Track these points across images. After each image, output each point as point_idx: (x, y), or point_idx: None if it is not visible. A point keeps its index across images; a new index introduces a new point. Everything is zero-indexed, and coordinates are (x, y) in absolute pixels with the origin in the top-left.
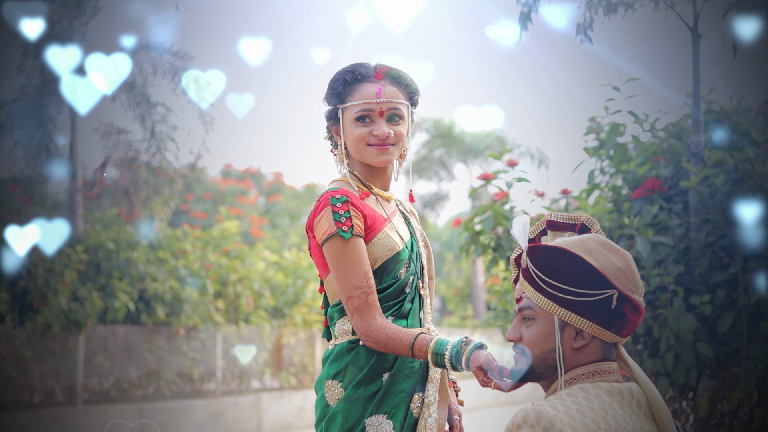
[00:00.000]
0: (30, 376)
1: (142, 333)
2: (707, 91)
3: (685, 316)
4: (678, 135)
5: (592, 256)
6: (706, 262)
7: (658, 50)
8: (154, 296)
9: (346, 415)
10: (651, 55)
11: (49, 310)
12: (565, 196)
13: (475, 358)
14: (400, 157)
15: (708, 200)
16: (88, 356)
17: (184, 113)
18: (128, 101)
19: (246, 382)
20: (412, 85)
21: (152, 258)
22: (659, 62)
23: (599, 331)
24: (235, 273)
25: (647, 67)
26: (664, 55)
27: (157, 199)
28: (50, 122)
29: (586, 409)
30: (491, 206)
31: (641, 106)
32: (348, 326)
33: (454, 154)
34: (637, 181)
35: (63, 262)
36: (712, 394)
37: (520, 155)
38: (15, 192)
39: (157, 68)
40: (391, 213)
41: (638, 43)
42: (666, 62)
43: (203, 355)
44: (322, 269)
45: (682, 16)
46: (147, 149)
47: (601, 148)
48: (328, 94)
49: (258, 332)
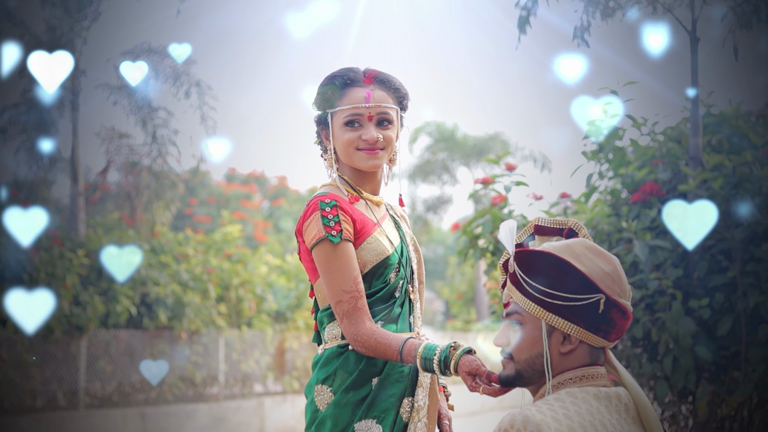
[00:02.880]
0: (32, 381)
1: (144, 337)
2: (707, 94)
3: (684, 319)
4: (677, 138)
5: (579, 261)
6: (705, 266)
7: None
8: (156, 300)
9: (335, 419)
10: (649, 59)
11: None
12: (564, 200)
13: (464, 363)
14: (390, 162)
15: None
16: (90, 360)
17: (186, 117)
18: (129, 105)
19: (249, 386)
20: (402, 90)
21: (154, 262)
22: (657, 66)
23: (587, 336)
24: (237, 277)
25: (646, 70)
26: (663, 58)
27: (159, 203)
28: (52, 126)
29: (573, 413)
30: (490, 210)
31: (640, 109)
32: (337, 331)
33: (457, 158)
34: (635, 185)
35: (64, 266)
36: (711, 398)
37: (523, 158)
38: (16, 196)
39: (158, 72)
40: (381, 217)
41: (636, 47)
42: (664, 66)
43: (206, 359)
44: (312, 274)
45: (680, 20)
46: (148, 153)
47: (600, 152)
48: (317, 98)
49: (260, 336)
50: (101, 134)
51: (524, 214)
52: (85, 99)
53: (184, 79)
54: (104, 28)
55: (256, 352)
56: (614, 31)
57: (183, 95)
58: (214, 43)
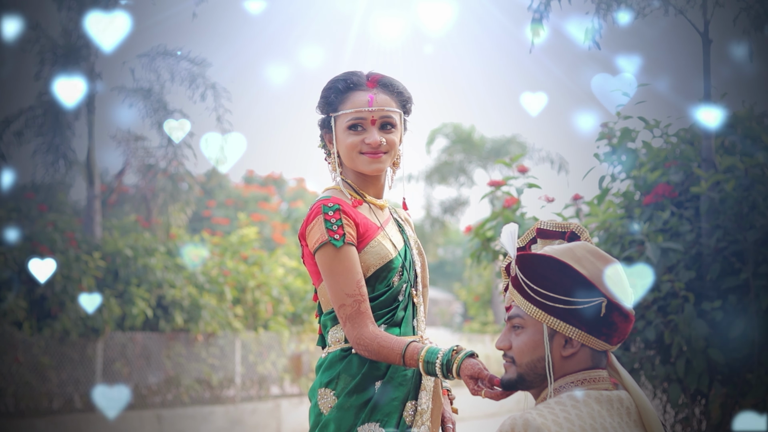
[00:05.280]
0: (48, 383)
1: (161, 339)
2: (720, 96)
3: (697, 322)
4: (690, 140)
5: (580, 264)
6: (718, 268)
7: (669, 56)
8: (172, 303)
9: (338, 423)
10: (661, 61)
11: (66, 316)
12: (576, 202)
13: (466, 366)
14: (394, 165)
15: (719, 206)
16: (106, 363)
17: (202, 120)
18: (145, 108)
19: (265, 388)
20: (405, 93)
21: (170, 264)
22: (670, 68)
23: (588, 339)
24: (253, 279)
25: (658, 72)
26: (675, 61)
27: (175, 205)
28: (68, 129)
29: (574, 417)
30: (502, 212)
31: (653, 112)
32: (341, 334)
33: (474, 160)
34: (648, 187)
35: (81, 268)
36: (724, 400)
37: (540, 160)
38: (32, 199)
39: (174, 75)
40: (385, 221)
41: (649, 49)
42: (677, 68)
43: (222, 361)
44: (315, 277)
45: (692, 22)
46: (164, 156)
47: (613, 154)
48: (320, 102)
49: (277, 338)
50: (117, 137)
51: (537, 216)
52: (100, 102)
53: (199, 81)
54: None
55: (273, 355)
56: (626, 34)
57: (199, 98)
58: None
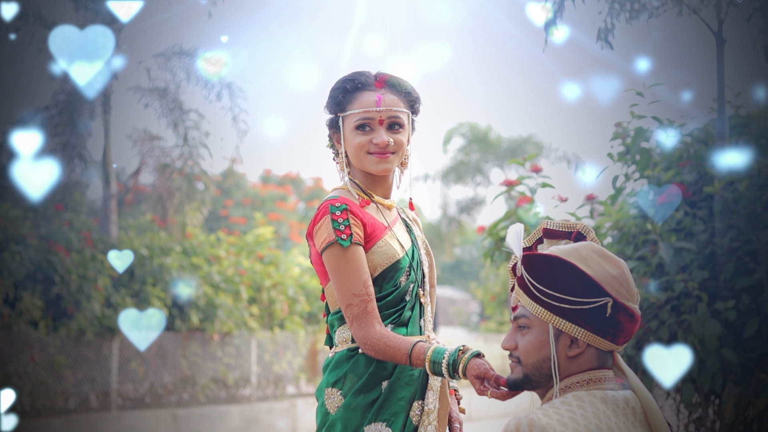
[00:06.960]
0: (64, 382)
1: (176, 339)
2: (734, 95)
3: (710, 321)
4: (704, 140)
5: (586, 264)
6: (731, 268)
7: (683, 55)
8: (187, 302)
9: (345, 422)
10: (675, 61)
11: (82, 316)
12: (590, 202)
13: (472, 366)
14: (402, 165)
15: (732, 205)
16: (122, 362)
17: (218, 120)
18: (161, 108)
19: (281, 387)
20: (413, 93)
21: (186, 264)
22: (684, 67)
23: (594, 339)
24: (269, 279)
25: (672, 72)
26: (689, 60)
27: (190, 205)
28: (84, 129)
29: (579, 417)
30: (515, 212)
31: (666, 111)
32: (348, 334)
33: (491, 159)
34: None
35: (96, 268)
36: (737, 400)
37: (557, 160)
38: (48, 198)
39: (189, 75)
40: (393, 221)
41: (662, 49)
42: (691, 68)
43: (238, 360)
44: (323, 277)
45: (706, 21)
46: (180, 155)
47: (626, 154)
48: (328, 102)
49: (293, 338)
50: (133, 136)
51: (550, 215)
52: (116, 101)
53: (215, 80)
54: (136, 31)
55: (289, 354)
56: (640, 33)
57: (214, 97)
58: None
